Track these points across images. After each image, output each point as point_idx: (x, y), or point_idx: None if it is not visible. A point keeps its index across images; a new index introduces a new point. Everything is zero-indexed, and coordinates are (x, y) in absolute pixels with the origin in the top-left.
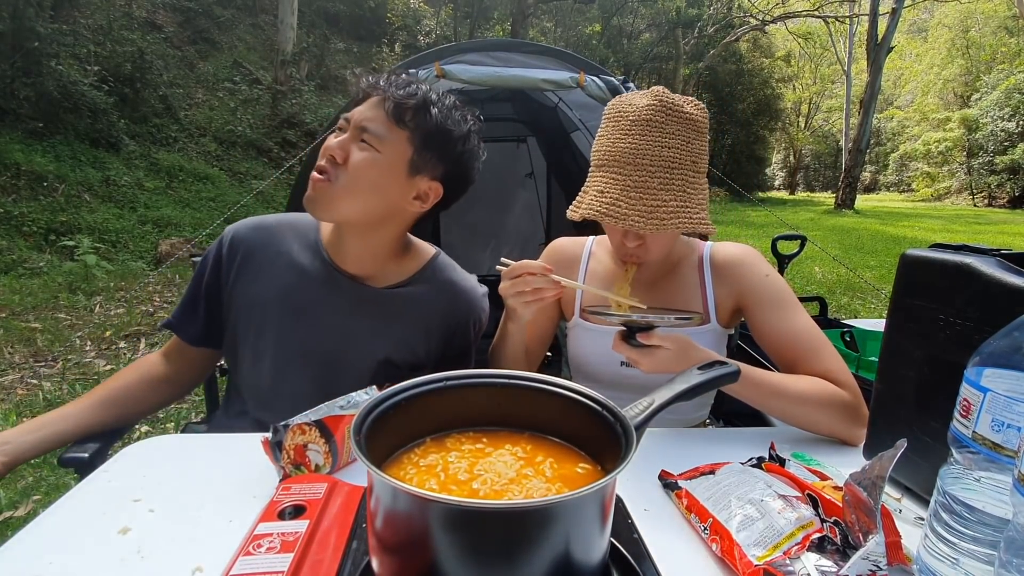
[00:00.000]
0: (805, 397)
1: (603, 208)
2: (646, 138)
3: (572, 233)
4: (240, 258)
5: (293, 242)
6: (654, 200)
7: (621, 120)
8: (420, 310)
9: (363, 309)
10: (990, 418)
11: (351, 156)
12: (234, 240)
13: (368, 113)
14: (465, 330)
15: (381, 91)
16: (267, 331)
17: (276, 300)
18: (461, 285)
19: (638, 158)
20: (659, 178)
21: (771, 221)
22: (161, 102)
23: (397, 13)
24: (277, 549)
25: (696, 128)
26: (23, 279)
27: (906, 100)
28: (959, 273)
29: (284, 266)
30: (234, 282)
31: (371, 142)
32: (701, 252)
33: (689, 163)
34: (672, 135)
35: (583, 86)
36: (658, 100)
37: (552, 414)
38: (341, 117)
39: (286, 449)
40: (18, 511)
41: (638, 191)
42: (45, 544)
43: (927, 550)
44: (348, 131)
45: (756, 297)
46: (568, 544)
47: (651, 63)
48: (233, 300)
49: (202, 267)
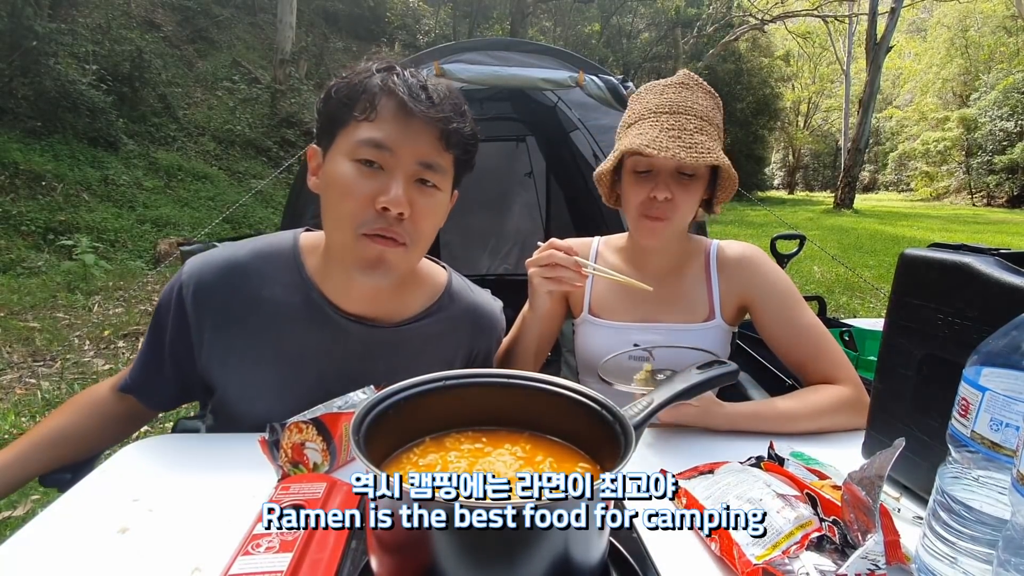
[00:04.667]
0: (815, 412)
1: (646, 141)
2: (681, 94)
3: (572, 232)
4: (210, 314)
5: (274, 282)
6: (691, 139)
7: (654, 87)
8: (443, 344)
9: (376, 353)
10: (989, 417)
11: (417, 207)
12: (198, 292)
13: (423, 146)
14: (488, 353)
15: (423, 112)
16: (267, 390)
17: (268, 358)
18: (483, 309)
19: (674, 107)
20: (694, 123)
21: (770, 220)
22: (160, 101)
23: (396, 12)
24: (276, 549)
25: (717, 103)
26: (21, 278)
27: (905, 99)
28: (958, 272)
29: (270, 315)
30: (208, 343)
31: (435, 181)
32: (708, 250)
33: (716, 123)
34: (702, 98)
35: (582, 85)
36: (686, 73)
37: (551, 414)
38: (364, 142)
39: (283, 448)
40: (17, 511)
41: (676, 130)
42: (44, 544)
43: (926, 549)
44: (398, 172)
45: (763, 295)
46: (568, 544)
47: (650, 62)
48: (211, 362)
49: (161, 321)
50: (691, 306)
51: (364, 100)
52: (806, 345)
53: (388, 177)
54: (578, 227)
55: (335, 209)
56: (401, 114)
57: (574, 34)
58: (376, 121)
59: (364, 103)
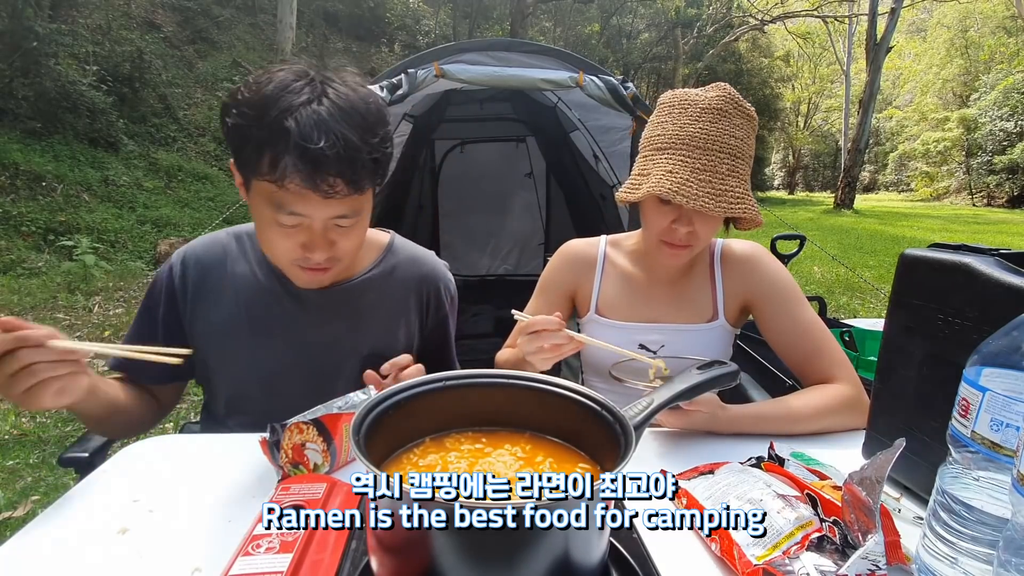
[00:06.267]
0: (817, 413)
1: (673, 187)
2: (717, 125)
3: (572, 233)
4: (192, 285)
5: (244, 259)
6: (722, 184)
7: (689, 107)
8: (393, 291)
9: (335, 311)
10: (989, 417)
11: (339, 245)
12: (186, 267)
13: (334, 208)
14: (439, 298)
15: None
16: (241, 357)
17: (242, 324)
18: (423, 257)
19: (708, 143)
20: (727, 164)
21: (770, 220)
22: (160, 102)
23: (396, 13)
24: (276, 549)
25: (753, 126)
26: (22, 279)
27: (905, 100)
28: (958, 272)
29: (239, 288)
30: (192, 313)
31: (354, 218)
32: (712, 248)
33: (748, 156)
34: (738, 127)
35: (582, 86)
36: (727, 92)
37: (551, 414)
38: (279, 209)
39: (284, 449)
40: (17, 511)
41: (707, 173)
42: (44, 545)
43: (926, 549)
44: (316, 225)
45: (765, 292)
46: (568, 544)
47: (650, 63)
48: (195, 331)
49: (152, 299)
50: (695, 307)
51: (268, 155)
52: (807, 343)
53: (308, 232)
54: (578, 227)
55: (265, 244)
56: (308, 186)
57: (574, 34)
58: (284, 190)
59: (268, 160)
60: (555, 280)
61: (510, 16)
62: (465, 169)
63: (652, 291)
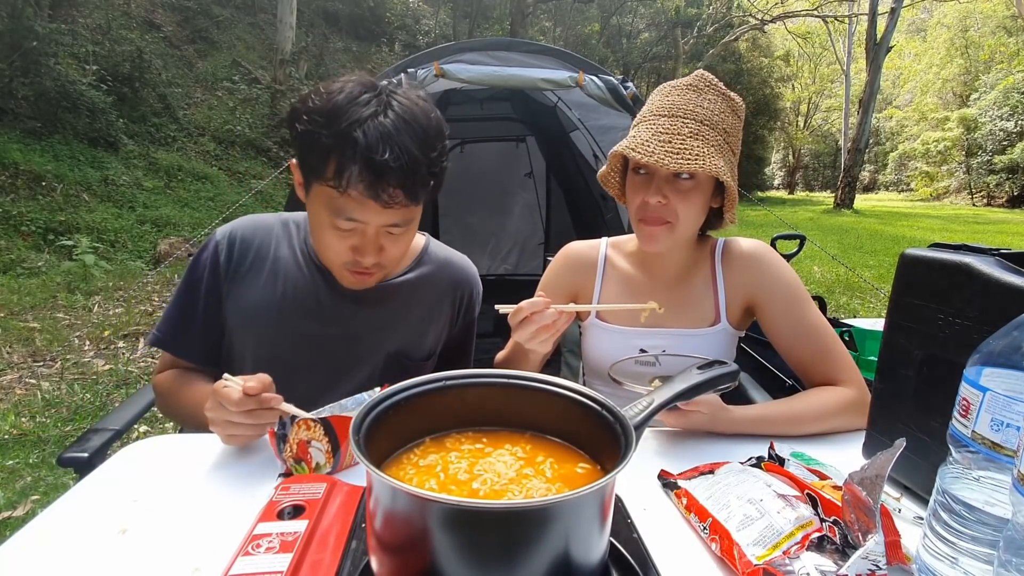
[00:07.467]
0: (820, 415)
1: (631, 144)
2: (683, 96)
3: (572, 234)
4: (235, 261)
5: (287, 244)
6: (682, 144)
7: (663, 89)
8: (426, 293)
9: (367, 307)
10: (989, 417)
11: (388, 250)
12: (231, 243)
13: (390, 216)
14: (471, 303)
15: (387, 188)
16: (268, 340)
17: (275, 308)
18: (458, 262)
19: (673, 110)
20: (690, 127)
21: (770, 220)
22: (160, 101)
23: (396, 12)
24: (276, 549)
25: (732, 107)
26: (21, 279)
27: (905, 100)
28: (958, 272)
29: (277, 271)
30: (230, 289)
31: (405, 226)
32: (714, 248)
33: (721, 130)
34: (709, 100)
35: (582, 85)
36: (702, 74)
37: (552, 414)
38: (338, 214)
39: (290, 443)
40: (16, 511)
41: (668, 135)
42: (43, 544)
43: (926, 549)
44: (370, 231)
45: (769, 291)
46: (568, 544)
47: (650, 62)
48: (228, 308)
49: (196, 274)
50: (698, 311)
51: (334, 163)
52: (811, 344)
53: (361, 236)
54: (578, 227)
55: (318, 244)
56: (369, 194)
57: (574, 34)
58: (345, 196)
59: (334, 167)
60: (556, 282)
61: (510, 16)
62: (465, 169)
63: (653, 294)
